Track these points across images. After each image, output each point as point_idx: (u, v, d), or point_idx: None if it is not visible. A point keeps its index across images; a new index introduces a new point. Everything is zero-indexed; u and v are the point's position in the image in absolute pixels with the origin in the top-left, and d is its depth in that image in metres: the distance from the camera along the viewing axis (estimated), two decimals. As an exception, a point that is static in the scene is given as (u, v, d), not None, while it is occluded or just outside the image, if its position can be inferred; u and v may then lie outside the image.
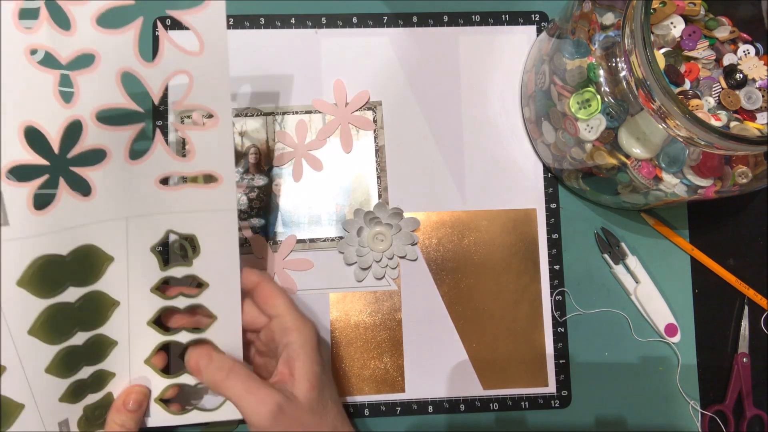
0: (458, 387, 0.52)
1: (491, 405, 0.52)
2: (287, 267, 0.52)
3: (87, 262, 0.40)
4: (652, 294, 0.53)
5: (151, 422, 0.44)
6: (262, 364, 0.46)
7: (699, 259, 0.54)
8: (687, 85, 0.48)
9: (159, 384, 0.44)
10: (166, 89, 0.53)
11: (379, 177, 0.54)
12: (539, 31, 0.56)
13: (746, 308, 0.54)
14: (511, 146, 0.55)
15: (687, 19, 0.49)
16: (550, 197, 0.54)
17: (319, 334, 0.45)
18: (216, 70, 0.39)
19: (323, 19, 0.55)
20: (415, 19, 0.55)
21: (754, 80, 0.48)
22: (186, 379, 0.44)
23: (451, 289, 0.53)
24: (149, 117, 0.53)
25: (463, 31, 0.55)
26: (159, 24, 0.50)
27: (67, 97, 0.37)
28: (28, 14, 0.54)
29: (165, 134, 0.53)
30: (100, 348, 0.42)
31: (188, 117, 0.53)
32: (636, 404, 0.53)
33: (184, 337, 0.43)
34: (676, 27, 0.48)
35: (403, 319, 0.53)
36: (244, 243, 0.52)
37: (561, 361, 0.53)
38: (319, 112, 0.54)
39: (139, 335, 0.43)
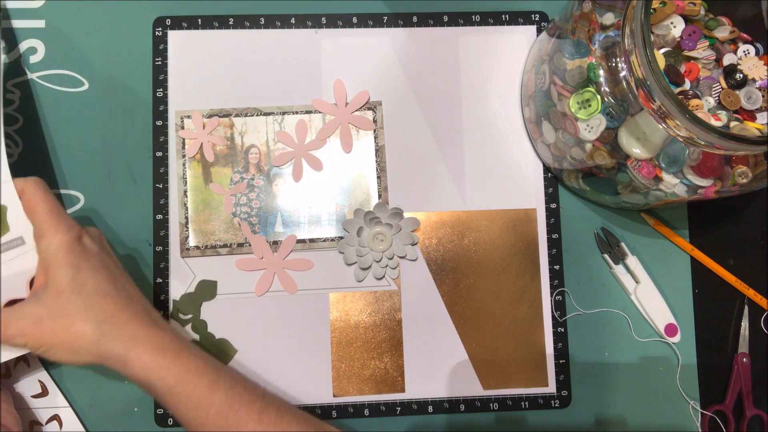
0: (458, 387, 0.52)
1: (491, 405, 0.52)
2: (287, 267, 0.52)
3: None
4: (652, 294, 0.53)
5: None
6: None
7: (699, 259, 0.54)
8: (687, 85, 0.48)
9: None
10: (167, 89, 0.53)
11: (379, 177, 0.54)
12: (539, 31, 0.56)
13: (746, 308, 0.54)
14: (511, 146, 0.55)
15: (687, 19, 0.49)
16: (550, 197, 0.54)
17: (96, 237, 0.44)
18: None
19: (323, 19, 0.55)
20: (415, 19, 0.55)
21: (754, 80, 0.48)
22: None
23: (451, 289, 0.53)
24: None
25: (463, 31, 0.55)
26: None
27: None
28: (28, 14, 0.55)
29: (165, 133, 0.53)
30: None
31: (188, 117, 0.53)
32: (636, 404, 0.53)
33: None
34: (676, 27, 0.48)
35: (403, 319, 0.53)
36: (244, 243, 0.52)
37: (561, 361, 0.53)
38: (319, 112, 0.54)
39: None
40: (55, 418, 0.50)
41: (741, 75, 0.48)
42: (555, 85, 0.47)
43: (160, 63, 0.53)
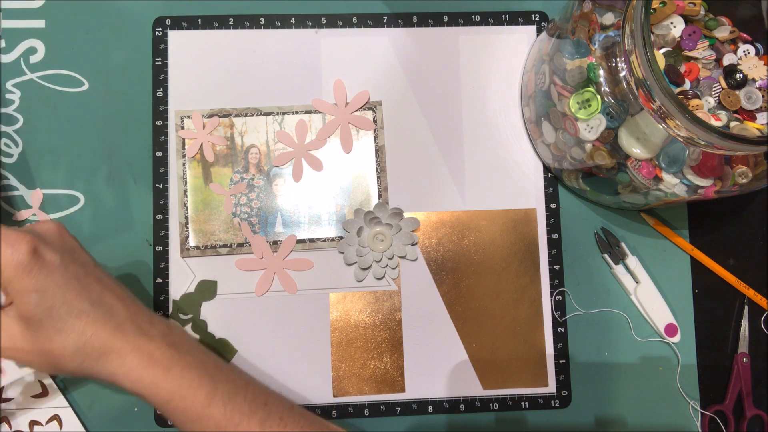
0: (458, 387, 0.52)
1: (491, 405, 0.52)
2: (287, 267, 0.52)
3: None
4: (652, 294, 0.53)
5: None
6: None
7: (699, 259, 0.54)
8: (687, 85, 0.48)
9: None
10: (167, 89, 0.53)
11: (379, 177, 0.54)
12: (539, 31, 0.56)
13: (746, 308, 0.54)
14: (511, 146, 0.55)
15: (687, 19, 0.49)
16: (550, 197, 0.54)
17: (56, 239, 0.39)
18: None
19: (323, 19, 0.55)
20: (415, 19, 0.55)
21: (754, 80, 0.48)
22: None
23: (451, 289, 0.53)
24: None
25: (463, 31, 0.55)
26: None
27: None
28: (28, 14, 0.55)
29: (165, 133, 0.53)
30: None
31: (188, 117, 0.53)
32: (636, 404, 0.53)
33: None
34: (676, 27, 0.48)
35: (403, 319, 0.53)
36: (244, 243, 0.52)
37: (561, 361, 0.53)
38: (319, 112, 0.54)
39: None
40: (55, 418, 0.50)
41: (741, 75, 0.48)
42: (555, 85, 0.47)
43: (160, 63, 0.54)
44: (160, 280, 0.52)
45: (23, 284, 0.36)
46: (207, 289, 0.52)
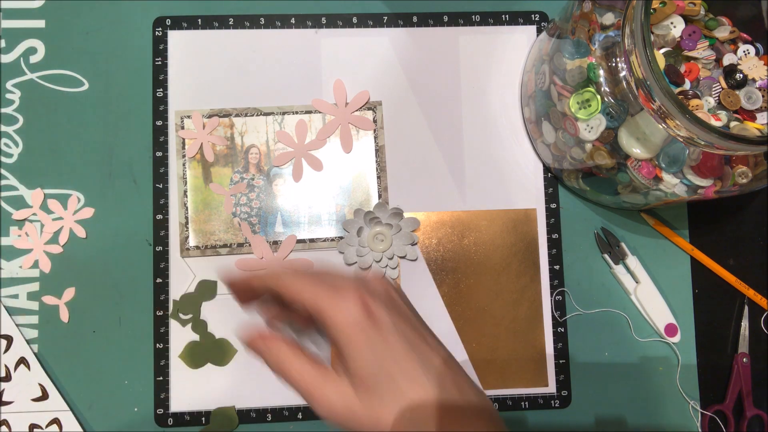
0: (458, 387, 0.52)
1: (491, 405, 0.52)
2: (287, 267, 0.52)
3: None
4: (652, 294, 0.53)
5: None
6: None
7: (699, 259, 0.54)
8: (687, 85, 0.48)
9: None
10: (167, 89, 0.53)
11: (379, 177, 0.54)
12: (539, 31, 0.56)
13: (746, 308, 0.54)
14: (511, 146, 0.55)
15: (687, 19, 0.49)
16: (550, 197, 0.54)
17: (383, 296, 0.35)
18: None
19: (323, 19, 0.55)
20: (415, 19, 0.55)
21: (754, 80, 0.48)
22: None
23: (451, 289, 0.53)
24: (149, 117, 0.53)
25: (463, 31, 0.55)
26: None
27: None
28: (28, 14, 0.55)
29: (165, 133, 0.53)
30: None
31: (188, 117, 0.53)
32: (636, 404, 0.53)
33: None
34: (676, 27, 0.48)
35: (403, 319, 0.53)
36: (244, 243, 0.52)
37: (561, 361, 0.53)
38: (319, 112, 0.54)
39: None
40: (55, 421, 0.50)
41: (741, 75, 0.48)
42: (555, 85, 0.47)
43: (160, 63, 0.54)
44: (160, 280, 0.52)
45: (356, 341, 0.32)
46: (207, 289, 0.52)
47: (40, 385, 0.50)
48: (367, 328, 0.32)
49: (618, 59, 0.42)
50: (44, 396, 0.50)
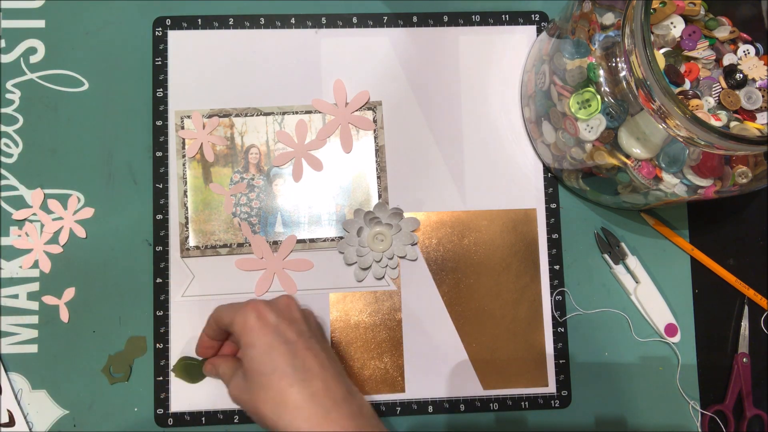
0: (458, 387, 0.52)
1: (491, 405, 0.52)
2: (287, 267, 0.52)
3: None
4: (652, 294, 0.53)
5: None
6: None
7: (699, 259, 0.54)
8: (687, 85, 0.48)
9: None
10: (166, 89, 0.53)
11: (379, 177, 0.54)
12: (539, 31, 0.56)
13: (746, 308, 0.54)
14: (511, 146, 0.55)
15: (687, 19, 0.49)
16: (550, 197, 0.54)
17: (283, 308, 0.43)
18: None
19: (323, 19, 0.55)
20: (415, 19, 0.55)
21: (754, 80, 0.48)
22: None
23: (451, 289, 0.53)
24: (149, 117, 0.53)
25: (463, 31, 0.55)
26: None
27: None
28: (28, 14, 0.55)
29: (165, 133, 0.53)
30: None
31: (188, 117, 0.53)
32: (636, 404, 0.53)
33: None
34: (676, 27, 0.48)
35: (403, 319, 0.53)
36: (244, 243, 0.52)
37: (561, 361, 0.53)
38: (319, 112, 0.54)
39: None
40: None
41: (741, 75, 0.48)
42: (555, 85, 0.47)
43: (160, 63, 0.54)
44: (160, 280, 0.52)
45: (249, 339, 0.41)
46: (137, 347, 0.51)
47: (8, 411, 0.49)
48: (257, 329, 0.41)
49: (618, 59, 0.42)
50: (11, 423, 0.49)
